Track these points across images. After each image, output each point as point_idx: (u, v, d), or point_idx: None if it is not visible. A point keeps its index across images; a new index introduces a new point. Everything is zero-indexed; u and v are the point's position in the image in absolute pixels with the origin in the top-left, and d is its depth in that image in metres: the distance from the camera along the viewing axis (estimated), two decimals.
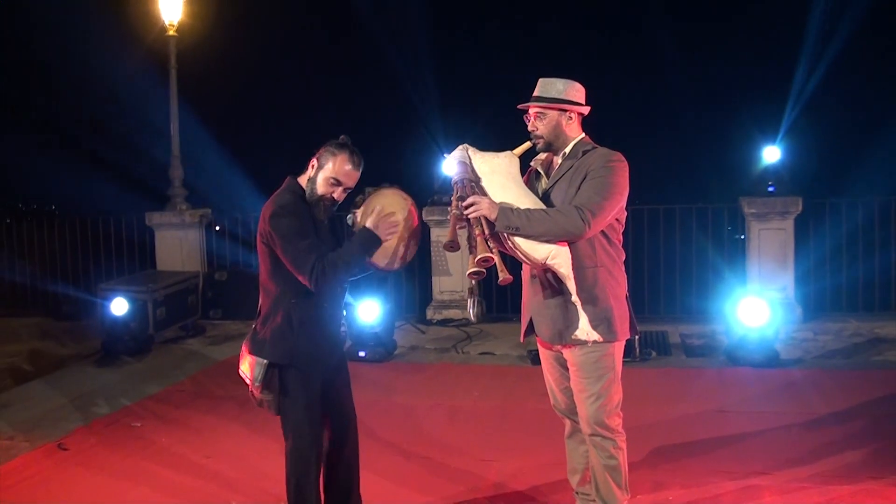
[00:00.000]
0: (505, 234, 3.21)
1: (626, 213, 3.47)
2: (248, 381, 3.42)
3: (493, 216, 3.17)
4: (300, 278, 3.26)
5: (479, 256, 3.05)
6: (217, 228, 10.50)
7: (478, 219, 3.18)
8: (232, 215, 10.69)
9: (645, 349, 7.13)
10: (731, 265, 8.91)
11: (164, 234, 10.11)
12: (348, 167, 3.34)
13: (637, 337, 6.89)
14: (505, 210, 3.19)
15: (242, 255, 10.18)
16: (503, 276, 3.07)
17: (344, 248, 3.32)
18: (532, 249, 3.22)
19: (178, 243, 10.03)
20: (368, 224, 3.36)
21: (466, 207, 3.20)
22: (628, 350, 6.68)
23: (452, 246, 3.17)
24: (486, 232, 3.14)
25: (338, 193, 3.38)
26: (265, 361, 3.36)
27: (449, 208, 3.35)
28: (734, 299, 6.89)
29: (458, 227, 3.25)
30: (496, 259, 3.06)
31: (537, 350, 3.77)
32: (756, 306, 6.68)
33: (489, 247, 3.09)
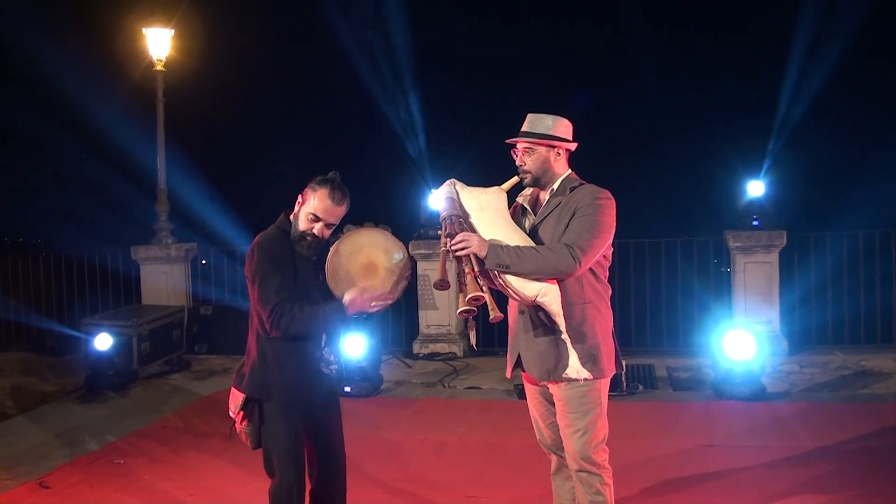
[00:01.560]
0: (495, 272, 3.22)
1: (612, 250, 3.49)
2: (231, 413, 3.43)
3: (483, 254, 3.18)
4: (262, 316, 3.27)
5: (469, 295, 3.05)
6: (203, 262, 10.46)
7: (467, 256, 3.18)
8: (218, 250, 10.66)
9: (632, 383, 7.12)
10: (716, 298, 8.92)
11: (150, 268, 10.07)
12: (328, 203, 3.33)
13: (623, 371, 6.88)
14: (495, 248, 3.20)
15: (228, 290, 10.13)
16: (494, 314, 3.07)
17: (314, 312, 3.27)
18: (523, 287, 3.23)
19: (164, 277, 9.99)
20: (346, 299, 3.28)
21: (456, 245, 3.20)
22: (615, 384, 6.69)
23: (443, 284, 3.17)
24: (476, 269, 3.15)
25: (318, 229, 3.36)
26: (243, 395, 3.38)
27: (439, 246, 3.35)
28: (720, 332, 6.88)
29: (447, 264, 3.25)
30: (487, 297, 3.06)
31: (523, 384, 3.77)
32: (742, 339, 6.69)
33: (479, 285, 3.09)
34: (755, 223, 8.47)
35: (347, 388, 7.19)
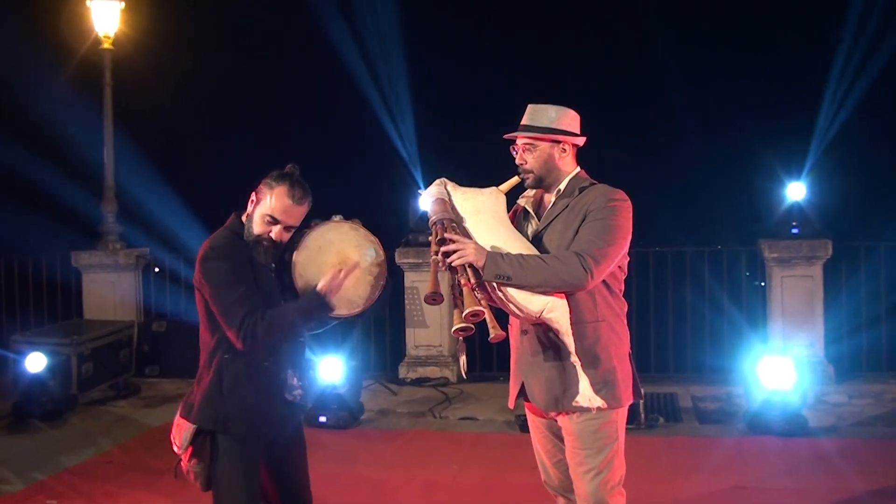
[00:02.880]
0: (494, 285, 3.18)
1: (628, 259, 3.47)
2: (175, 448, 3.38)
3: (480, 263, 3.15)
4: (228, 334, 3.22)
5: (467, 311, 3.01)
6: (156, 271, 10.42)
7: (462, 266, 3.15)
8: (174, 256, 10.61)
9: (651, 414, 7.10)
10: (749, 317, 8.93)
11: (94, 276, 10.03)
12: (287, 202, 3.29)
13: (641, 401, 6.86)
14: (494, 256, 3.17)
15: (185, 303, 10.07)
16: (495, 332, 3.03)
17: (287, 309, 3.27)
18: (526, 301, 3.20)
19: (110, 287, 9.95)
20: (320, 286, 3.29)
21: (449, 253, 3.17)
22: (632, 416, 6.66)
23: (435, 298, 3.14)
24: (472, 281, 3.11)
25: (276, 232, 3.33)
26: (193, 426, 3.31)
27: (429, 254, 3.31)
28: (754, 357, 6.90)
29: (439, 275, 3.23)
30: (487, 313, 3.03)
31: (525, 415, 3.73)
32: (780, 365, 6.69)
33: (478, 298, 3.06)
34: (795, 231, 8.46)
35: (323, 418, 7.15)
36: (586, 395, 3.29)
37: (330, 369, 7.23)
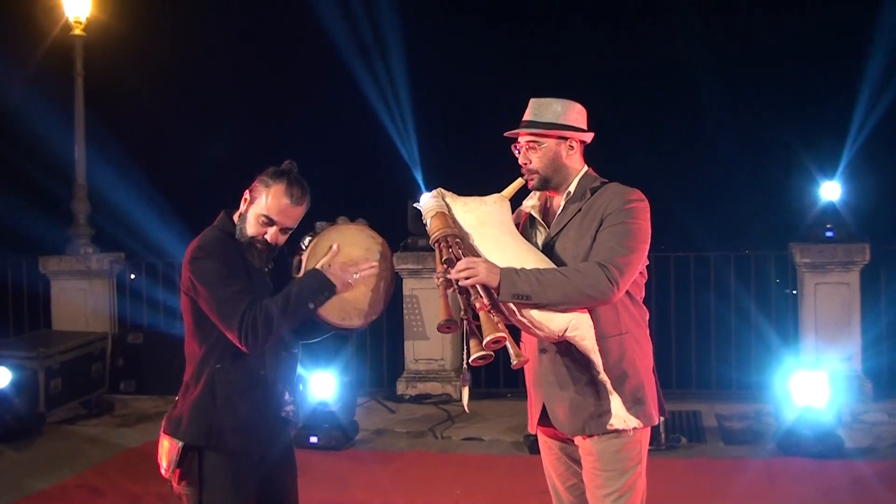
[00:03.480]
0: (512, 305, 3.15)
1: (647, 263, 3.45)
2: (162, 470, 3.35)
3: (494, 283, 3.11)
4: (228, 335, 3.21)
5: (488, 338, 2.96)
6: (132, 277, 10.41)
7: (475, 287, 3.11)
8: (152, 261, 10.60)
9: (673, 434, 7.08)
10: (780, 328, 8.91)
11: (64, 284, 10.01)
12: (284, 201, 3.29)
13: (663, 419, 6.84)
14: (509, 274, 3.13)
15: (165, 313, 10.07)
16: (518, 359, 3.00)
17: (283, 293, 3.26)
18: (547, 320, 3.17)
19: (82, 296, 9.93)
20: (319, 265, 3.32)
21: (459, 274, 3.11)
22: (652, 436, 6.60)
23: (449, 327, 3.11)
24: (487, 303, 3.08)
25: (272, 234, 3.32)
26: (180, 444, 3.28)
27: (431, 262, 3.28)
28: (785, 372, 6.89)
29: (448, 298, 3.18)
30: (508, 339, 2.99)
31: (536, 435, 3.71)
32: (813, 381, 6.68)
33: (495, 322, 3.02)
34: (829, 234, 8.44)
35: (314, 439, 7.13)
36: (620, 415, 3.27)
37: (321, 385, 7.20)
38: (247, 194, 3.36)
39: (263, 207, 3.29)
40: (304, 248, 3.42)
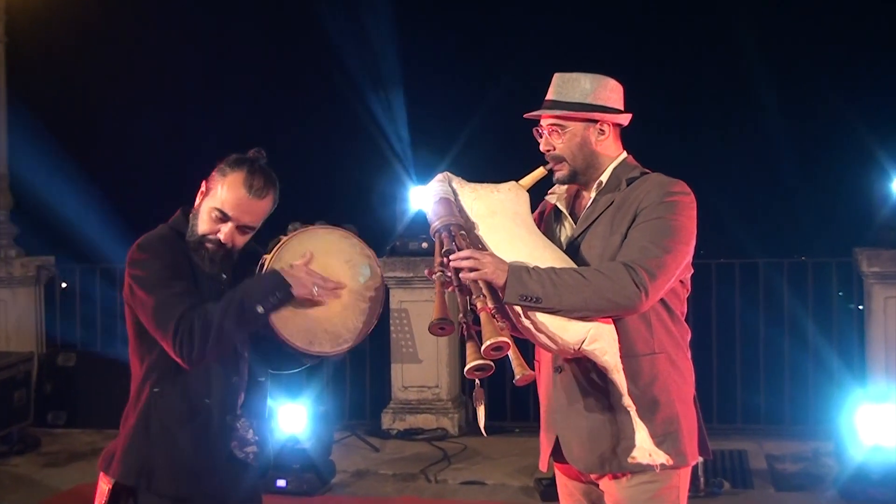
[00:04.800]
0: (519, 309, 3.13)
1: (692, 272, 3.45)
2: None
3: (500, 281, 3.10)
4: (164, 346, 3.19)
5: (487, 343, 2.94)
6: (64, 287, 10.38)
7: (477, 284, 3.10)
8: (89, 267, 10.58)
9: (714, 479, 7.08)
10: (843, 351, 8.90)
11: None
12: (242, 193, 3.27)
13: (703, 459, 6.83)
14: (518, 272, 3.12)
15: (103, 330, 10.06)
16: (522, 372, 2.98)
17: (227, 295, 3.23)
18: (561, 330, 3.14)
19: (2, 308, 9.95)
20: (280, 266, 3.27)
21: (460, 266, 3.11)
22: (690, 479, 6.62)
23: (443, 327, 3.08)
24: (491, 305, 3.06)
25: (226, 233, 3.29)
26: (111, 482, 3.28)
27: (431, 270, 3.24)
28: (849, 403, 6.88)
29: (445, 296, 3.15)
30: (512, 347, 2.98)
31: (552, 478, 3.70)
32: (882, 415, 6.67)
33: (499, 327, 2.99)
34: None
35: (281, 482, 7.11)
36: (645, 448, 3.22)
37: (291, 417, 7.17)
38: (203, 185, 3.36)
39: (218, 200, 3.28)
40: (267, 252, 3.37)
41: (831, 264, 9.15)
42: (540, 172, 3.48)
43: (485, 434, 3.38)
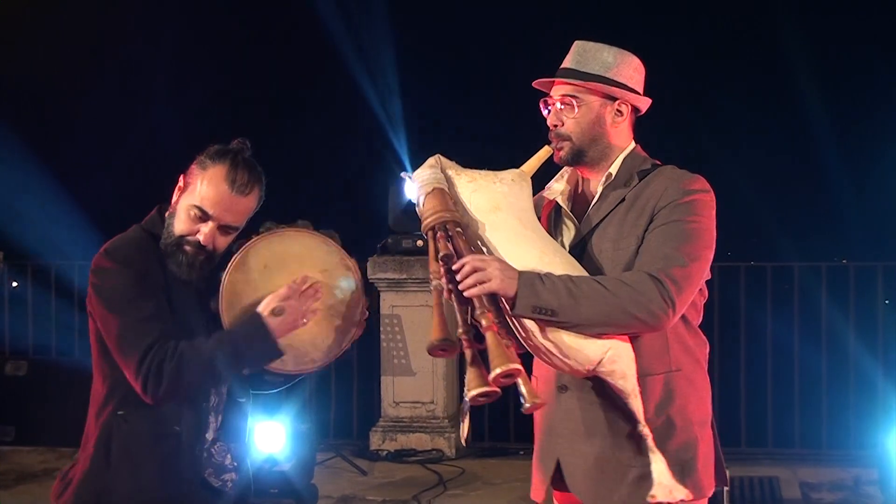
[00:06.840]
0: (529, 324, 3.10)
1: (709, 276, 3.42)
2: None
3: (510, 292, 3.05)
4: (125, 372, 3.16)
5: (497, 371, 2.89)
6: (14, 286, 10.39)
7: (481, 298, 3.05)
8: (41, 263, 10.59)
9: None
10: (888, 366, 8.90)
11: None
12: (223, 189, 3.24)
13: (726, 488, 6.83)
14: (531, 280, 3.07)
15: (58, 334, 10.07)
16: (533, 401, 2.95)
17: (210, 342, 3.20)
18: (577, 347, 3.11)
19: None
20: (261, 307, 3.22)
21: (463, 278, 3.05)
22: None
23: (445, 349, 3.06)
24: (495, 319, 3.02)
25: (206, 234, 3.26)
26: None
27: (430, 278, 3.20)
28: (894, 425, 6.82)
29: (444, 308, 3.12)
30: (522, 376, 2.93)
31: None
32: None
33: (508, 348, 2.96)
34: None
35: None
36: (664, 483, 3.19)
37: (268, 436, 7.15)
38: (181, 180, 3.33)
39: (197, 196, 3.25)
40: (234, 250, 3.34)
41: (877, 268, 9.16)
42: (545, 152, 3.46)
43: (465, 444, 3.36)
